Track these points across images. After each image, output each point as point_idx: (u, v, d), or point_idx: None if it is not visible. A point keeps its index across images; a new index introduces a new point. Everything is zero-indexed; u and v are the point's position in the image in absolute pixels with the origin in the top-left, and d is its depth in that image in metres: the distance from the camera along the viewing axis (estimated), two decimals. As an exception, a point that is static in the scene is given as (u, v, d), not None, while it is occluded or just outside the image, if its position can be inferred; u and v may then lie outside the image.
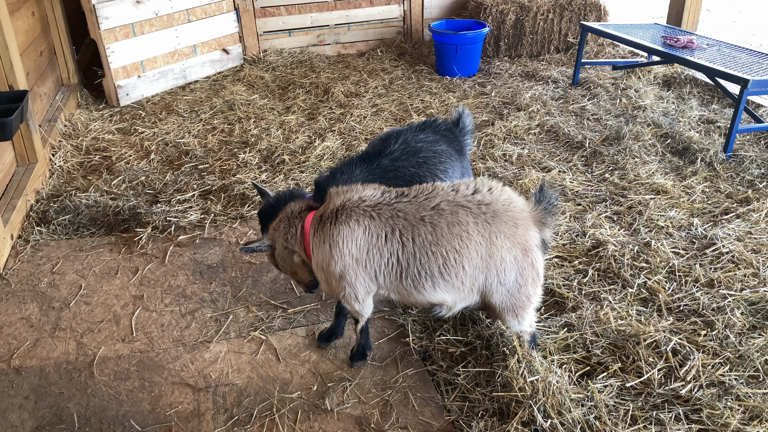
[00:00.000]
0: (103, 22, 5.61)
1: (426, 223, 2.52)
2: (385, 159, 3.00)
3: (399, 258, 2.55)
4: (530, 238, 2.56)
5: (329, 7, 6.99)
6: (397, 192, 2.64)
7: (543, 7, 6.66)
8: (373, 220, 2.55)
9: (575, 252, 3.60)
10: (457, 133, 3.29)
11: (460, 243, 2.51)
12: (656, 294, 3.23)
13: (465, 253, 2.52)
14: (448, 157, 3.12)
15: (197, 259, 3.69)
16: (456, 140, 3.25)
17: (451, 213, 2.52)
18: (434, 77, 6.39)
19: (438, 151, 3.10)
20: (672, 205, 3.99)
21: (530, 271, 2.57)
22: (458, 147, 3.24)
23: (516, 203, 2.58)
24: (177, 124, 5.41)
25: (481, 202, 2.55)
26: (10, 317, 3.26)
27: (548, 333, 2.99)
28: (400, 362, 2.93)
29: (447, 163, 3.09)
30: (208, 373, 2.90)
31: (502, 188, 2.63)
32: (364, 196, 2.61)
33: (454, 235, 2.51)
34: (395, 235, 2.54)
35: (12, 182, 4.19)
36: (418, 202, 2.57)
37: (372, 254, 2.57)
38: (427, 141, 3.12)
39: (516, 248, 2.53)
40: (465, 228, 2.51)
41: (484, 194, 2.57)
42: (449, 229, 2.51)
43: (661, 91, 5.72)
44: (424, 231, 2.52)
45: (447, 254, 2.51)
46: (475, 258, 2.52)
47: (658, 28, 5.89)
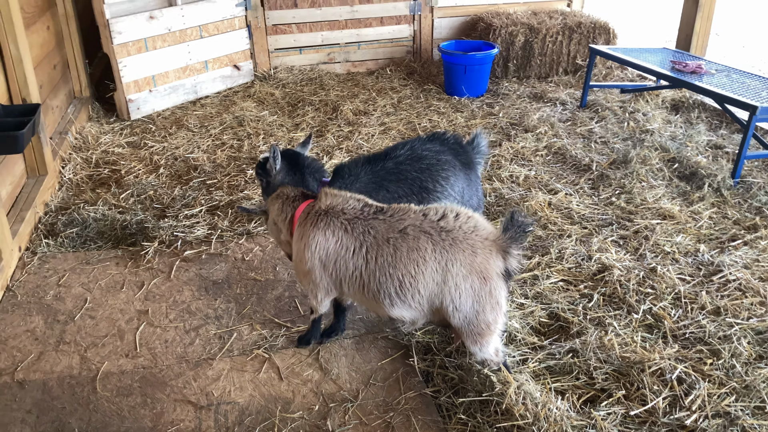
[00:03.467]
0: (117, 36, 5.67)
1: (390, 245, 2.64)
2: (390, 162, 3.15)
3: (362, 273, 2.70)
4: (490, 266, 2.58)
5: (340, 25, 7.05)
6: (377, 208, 2.77)
7: (552, 29, 6.70)
8: (346, 233, 2.71)
9: (581, 276, 3.59)
10: (466, 148, 3.34)
11: (415, 269, 2.61)
12: (662, 320, 3.21)
13: (420, 279, 2.61)
14: (452, 166, 3.20)
15: (203, 275, 3.70)
16: (463, 154, 3.31)
17: (414, 238, 2.62)
18: (443, 97, 6.42)
19: (442, 160, 3.19)
20: (679, 230, 3.98)
21: (488, 299, 2.59)
22: (465, 160, 3.29)
23: (480, 231, 2.62)
24: (186, 139, 5.45)
25: (443, 229, 2.62)
26: (15, 329, 3.28)
27: (552, 358, 2.98)
28: (403, 384, 2.92)
29: (449, 172, 3.17)
30: (210, 390, 2.90)
31: (470, 215, 2.68)
32: (346, 207, 2.76)
33: (411, 260, 2.61)
34: (362, 251, 2.69)
35: (22, 194, 4.23)
36: (389, 223, 2.69)
37: (339, 264, 2.74)
38: (432, 150, 3.22)
39: (473, 276, 2.58)
40: (422, 254, 2.60)
41: (448, 220, 2.64)
42: (408, 254, 2.61)
43: (669, 116, 5.73)
44: (386, 252, 2.64)
45: (402, 278, 2.62)
46: (431, 284, 2.61)
47: (666, 52, 5.91)
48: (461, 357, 2.96)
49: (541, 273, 3.59)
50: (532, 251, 3.81)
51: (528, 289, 3.47)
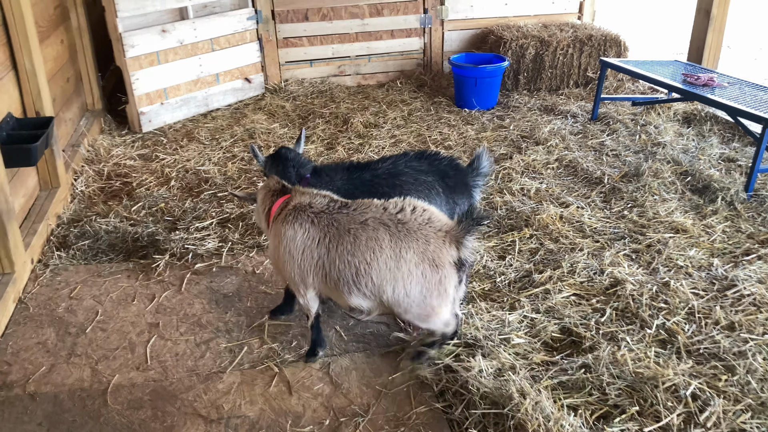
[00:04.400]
0: (129, 50, 5.72)
1: (350, 235, 2.82)
2: (367, 173, 3.23)
3: (324, 261, 2.88)
4: (442, 255, 2.75)
5: (351, 38, 7.08)
6: (342, 203, 2.94)
7: (563, 42, 6.70)
8: (312, 225, 2.90)
9: (593, 290, 3.56)
10: (461, 171, 3.31)
11: (371, 256, 2.78)
12: (675, 336, 3.18)
13: (374, 266, 2.78)
14: (429, 188, 3.22)
15: (213, 288, 3.70)
16: (454, 177, 3.27)
17: (373, 229, 2.80)
18: (453, 109, 6.42)
19: (419, 179, 3.22)
20: (692, 244, 3.95)
21: (437, 286, 2.77)
22: (453, 183, 3.26)
23: (434, 223, 2.80)
24: (197, 152, 5.48)
25: (400, 221, 2.80)
26: (27, 341, 3.29)
27: (564, 373, 2.95)
28: (414, 398, 2.90)
29: (425, 193, 3.19)
30: (220, 404, 2.89)
31: (426, 209, 2.86)
32: (314, 202, 2.96)
33: (368, 249, 2.79)
34: (324, 240, 2.87)
35: (35, 206, 4.25)
36: (351, 215, 2.87)
37: (305, 255, 2.91)
38: (415, 168, 3.24)
39: (425, 263, 2.75)
40: (379, 243, 2.78)
41: (406, 213, 2.83)
42: (366, 243, 2.80)
43: (681, 128, 5.70)
44: (347, 241, 2.82)
45: (359, 265, 2.80)
46: (384, 270, 2.78)
47: (678, 65, 5.90)
48: (471, 372, 2.94)
49: (553, 287, 3.57)
50: (543, 265, 3.80)
51: (540, 304, 3.44)
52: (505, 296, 3.54)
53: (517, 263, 3.83)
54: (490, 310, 3.40)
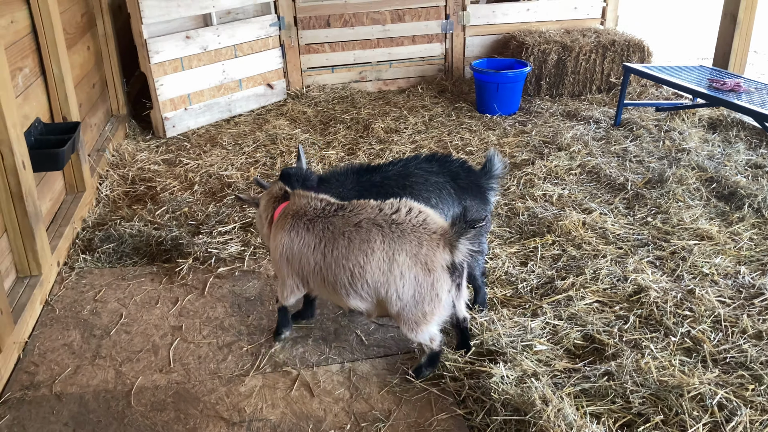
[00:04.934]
0: (154, 56, 5.80)
1: (345, 238, 2.83)
2: (377, 175, 3.23)
3: (321, 267, 2.90)
4: (435, 258, 2.72)
5: (372, 44, 7.11)
6: (339, 206, 2.96)
7: (585, 47, 6.66)
8: (308, 232, 2.93)
9: (616, 297, 3.53)
10: (474, 174, 3.31)
11: (364, 259, 2.78)
12: (700, 344, 3.14)
13: (368, 269, 2.78)
14: (439, 188, 3.20)
15: (236, 292, 3.73)
16: (464, 179, 3.26)
17: (366, 230, 2.80)
18: (474, 115, 6.41)
19: (430, 180, 3.20)
20: (717, 251, 3.89)
21: (429, 290, 2.75)
22: (464, 185, 3.25)
23: (429, 225, 2.77)
24: (221, 157, 5.53)
25: (394, 221, 2.79)
26: (53, 343, 3.34)
27: (587, 381, 2.92)
28: (435, 405, 2.89)
29: (434, 194, 3.17)
30: (242, 407, 2.90)
31: (422, 210, 2.83)
32: (309, 208, 2.98)
33: (362, 251, 2.79)
34: (320, 246, 2.90)
35: (60, 210, 4.32)
36: (346, 218, 2.87)
37: (302, 261, 2.96)
38: (425, 170, 3.23)
39: (417, 267, 2.73)
40: (372, 245, 2.77)
41: (401, 214, 2.81)
42: (359, 245, 2.79)
43: (707, 134, 5.63)
44: (341, 245, 2.83)
45: (353, 268, 2.81)
46: (377, 273, 2.78)
47: (703, 70, 5.83)
48: (493, 378, 2.93)
49: (576, 294, 3.54)
50: (566, 271, 3.77)
51: (562, 311, 3.42)
52: (527, 303, 3.52)
53: (540, 269, 3.80)
54: (512, 317, 3.38)
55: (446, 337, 3.21)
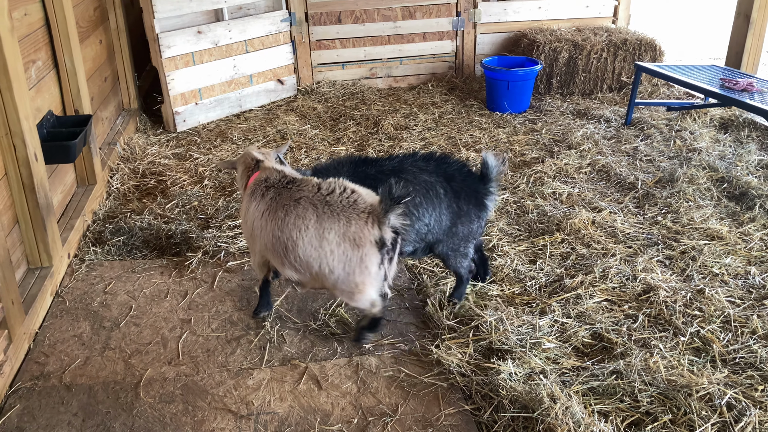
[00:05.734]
0: (166, 50, 5.82)
1: (283, 211, 2.98)
2: (372, 168, 3.29)
3: (265, 233, 3.04)
4: (364, 235, 2.87)
5: (383, 41, 7.10)
6: (291, 179, 3.09)
7: (597, 46, 6.63)
8: (262, 199, 3.07)
9: (625, 296, 3.52)
10: (472, 178, 3.28)
11: (297, 234, 2.94)
12: (710, 344, 3.12)
13: (300, 244, 2.94)
14: (429, 189, 3.20)
15: (245, 286, 3.74)
16: (459, 182, 3.24)
17: (303, 208, 2.95)
18: (484, 112, 6.40)
19: (420, 179, 3.20)
20: (728, 251, 3.87)
21: (359, 264, 2.89)
22: (458, 188, 3.23)
23: (359, 204, 2.90)
24: (231, 151, 5.54)
25: (327, 202, 2.93)
26: (63, 334, 3.36)
27: (595, 379, 2.92)
28: (442, 400, 2.89)
29: (421, 193, 3.18)
30: (250, 400, 2.91)
31: (355, 190, 2.96)
32: (270, 177, 3.12)
33: (295, 227, 2.94)
34: (266, 214, 3.04)
35: (72, 202, 4.35)
36: (291, 192, 3.01)
37: (255, 226, 3.10)
38: (420, 167, 3.24)
39: (346, 243, 2.88)
40: (306, 223, 2.93)
41: (334, 194, 2.95)
42: (294, 221, 2.95)
43: (718, 134, 5.60)
44: (279, 217, 2.99)
45: (286, 242, 2.97)
46: (309, 249, 2.93)
47: (716, 69, 5.80)
48: (501, 375, 2.93)
49: (585, 292, 3.53)
50: (575, 269, 3.76)
51: (571, 309, 3.41)
52: (535, 300, 3.52)
53: (548, 267, 3.79)
54: (520, 314, 3.38)
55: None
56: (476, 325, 3.30)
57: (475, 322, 3.32)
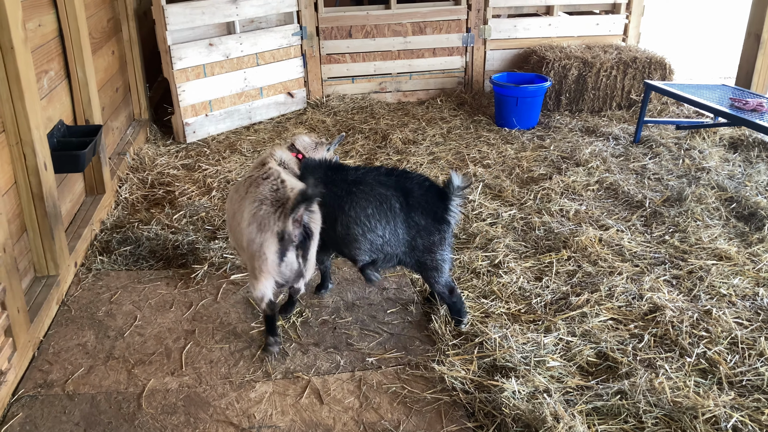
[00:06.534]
0: (177, 62, 5.87)
1: (237, 192, 3.20)
2: (340, 175, 3.38)
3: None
4: (268, 223, 2.99)
5: (393, 56, 7.14)
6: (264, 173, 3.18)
7: (606, 63, 6.64)
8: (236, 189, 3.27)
9: (631, 315, 3.50)
10: (431, 193, 3.30)
11: (229, 211, 3.26)
12: (716, 366, 3.09)
13: (228, 220, 3.29)
14: (383, 202, 3.26)
15: (249, 298, 3.74)
16: (417, 197, 3.26)
17: (244, 186, 3.18)
18: (493, 128, 6.41)
19: (375, 192, 3.27)
20: (736, 272, 3.84)
21: (258, 248, 3.00)
22: (414, 203, 3.26)
23: (278, 194, 3.03)
24: (239, 163, 5.57)
25: (257, 185, 3.12)
26: (68, 343, 3.37)
27: (600, 399, 2.89)
28: (444, 417, 2.88)
29: (374, 205, 3.25)
30: (252, 413, 2.91)
31: (284, 181, 3.08)
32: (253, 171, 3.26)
33: (231, 204, 3.24)
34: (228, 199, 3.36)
35: (80, 212, 4.37)
36: (253, 177, 3.17)
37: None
38: (380, 181, 3.30)
39: (253, 225, 3.02)
40: (234, 202, 3.18)
41: (268, 180, 3.11)
42: (231, 198, 3.24)
43: (727, 154, 5.58)
44: (234, 198, 3.22)
45: (230, 218, 3.26)
46: (232, 224, 3.20)
47: (725, 89, 5.79)
48: (504, 393, 2.91)
49: (590, 310, 3.51)
50: (580, 287, 3.74)
51: (576, 327, 3.39)
52: (540, 318, 3.50)
53: (554, 285, 3.78)
54: (525, 332, 3.36)
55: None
56: (481, 342, 3.28)
57: (480, 338, 3.30)
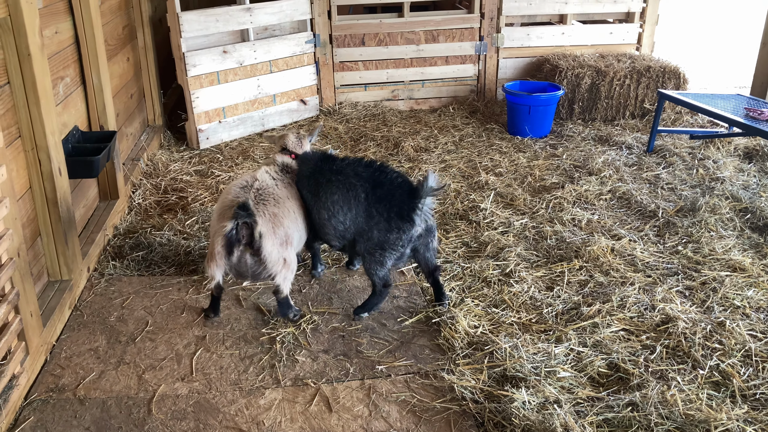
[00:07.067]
0: (191, 69, 5.92)
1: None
2: (327, 165, 3.59)
3: None
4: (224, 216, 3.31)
5: (405, 63, 7.15)
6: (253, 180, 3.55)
7: (620, 72, 6.61)
8: None
9: (643, 326, 3.47)
10: (401, 188, 3.36)
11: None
12: (730, 378, 3.06)
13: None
14: (349, 190, 3.43)
15: (260, 305, 3.75)
16: (386, 190, 3.36)
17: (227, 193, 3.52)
18: (505, 136, 6.40)
19: (347, 182, 3.45)
20: (750, 284, 3.81)
21: (213, 235, 3.39)
22: (381, 196, 3.36)
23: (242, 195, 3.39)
24: (252, 170, 5.59)
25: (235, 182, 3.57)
26: (79, 347, 3.39)
27: (611, 410, 2.87)
28: (454, 426, 2.86)
29: (341, 193, 3.46)
30: (261, 420, 2.91)
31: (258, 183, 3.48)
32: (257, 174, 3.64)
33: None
34: None
35: (93, 217, 4.41)
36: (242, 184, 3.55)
37: None
38: (355, 172, 3.47)
39: (216, 213, 3.46)
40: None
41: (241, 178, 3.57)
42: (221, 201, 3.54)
43: (742, 164, 5.54)
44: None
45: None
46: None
47: (740, 99, 5.74)
48: (514, 403, 2.89)
49: (602, 321, 3.49)
50: (592, 298, 3.72)
51: (587, 337, 3.37)
52: (551, 328, 3.48)
53: (566, 295, 3.76)
54: (536, 342, 3.34)
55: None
56: (491, 351, 3.27)
57: (490, 348, 3.29)
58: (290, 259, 3.46)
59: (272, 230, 3.34)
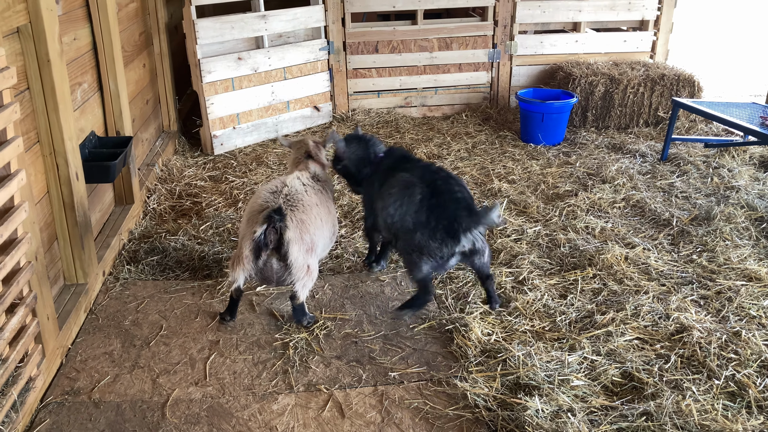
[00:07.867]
0: (206, 75, 5.97)
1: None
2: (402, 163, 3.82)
3: None
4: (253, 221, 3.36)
5: (419, 71, 7.17)
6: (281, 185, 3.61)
7: (634, 80, 6.60)
8: None
9: (657, 335, 3.45)
10: (457, 204, 3.45)
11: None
12: (746, 389, 3.03)
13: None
14: (409, 187, 3.58)
15: (274, 310, 3.77)
16: (443, 200, 3.45)
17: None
18: (518, 144, 6.39)
19: (409, 182, 3.58)
20: (766, 293, 3.78)
21: (240, 240, 3.46)
22: (436, 204, 3.44)
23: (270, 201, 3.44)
24: (265, 175, 5.62)
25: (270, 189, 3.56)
26: (94, 351, 3.42)
27: (624, 420, 2.85)
28: (467, 434, 2.86)
29: (401, 188, 3.58)
30: (274, 425, 2.92)
31: (286, 193, 3.49)
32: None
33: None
34: None
35: (109, 221, 4.45)
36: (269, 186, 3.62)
37: None
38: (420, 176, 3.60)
39: (246, 216, 3.50)
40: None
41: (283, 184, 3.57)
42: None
43: (757, 172, 5.50)
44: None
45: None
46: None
47: (756, 107, 5.71)
48: (528, 411, 2.88)
49: (616, 329, 3.47)
50: (606, 306, 3.70)
51: (601, 346, 3.35)
52: (565, 336, 3.47)
53: (579, 303, 3.75)
54: (549, 350, 3.33)
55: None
56: (504, 359, 3.26)
57: (503, 355, 3.28)
58: (313, 266, 3.47)
59: (300, 236, 3.35)
